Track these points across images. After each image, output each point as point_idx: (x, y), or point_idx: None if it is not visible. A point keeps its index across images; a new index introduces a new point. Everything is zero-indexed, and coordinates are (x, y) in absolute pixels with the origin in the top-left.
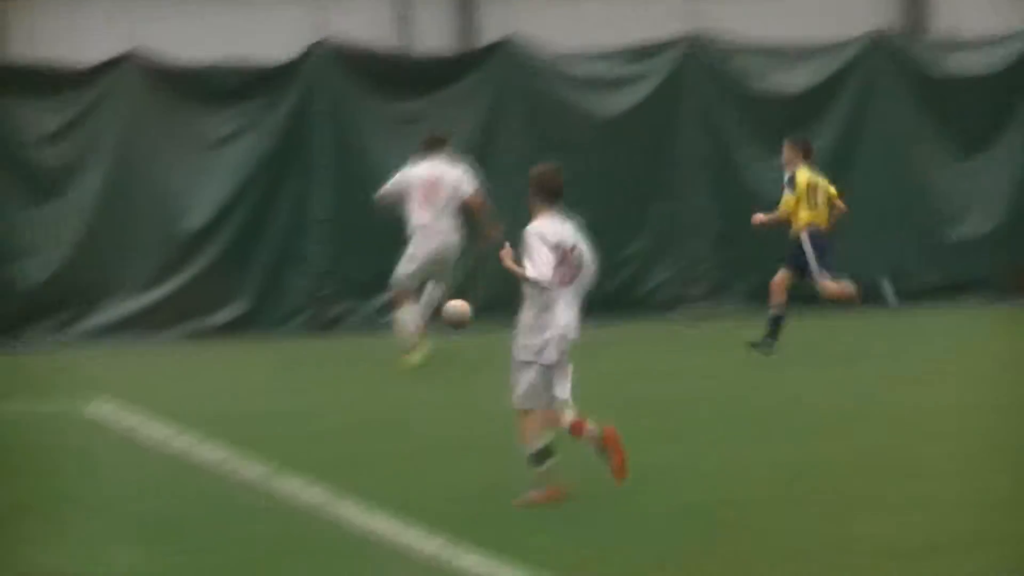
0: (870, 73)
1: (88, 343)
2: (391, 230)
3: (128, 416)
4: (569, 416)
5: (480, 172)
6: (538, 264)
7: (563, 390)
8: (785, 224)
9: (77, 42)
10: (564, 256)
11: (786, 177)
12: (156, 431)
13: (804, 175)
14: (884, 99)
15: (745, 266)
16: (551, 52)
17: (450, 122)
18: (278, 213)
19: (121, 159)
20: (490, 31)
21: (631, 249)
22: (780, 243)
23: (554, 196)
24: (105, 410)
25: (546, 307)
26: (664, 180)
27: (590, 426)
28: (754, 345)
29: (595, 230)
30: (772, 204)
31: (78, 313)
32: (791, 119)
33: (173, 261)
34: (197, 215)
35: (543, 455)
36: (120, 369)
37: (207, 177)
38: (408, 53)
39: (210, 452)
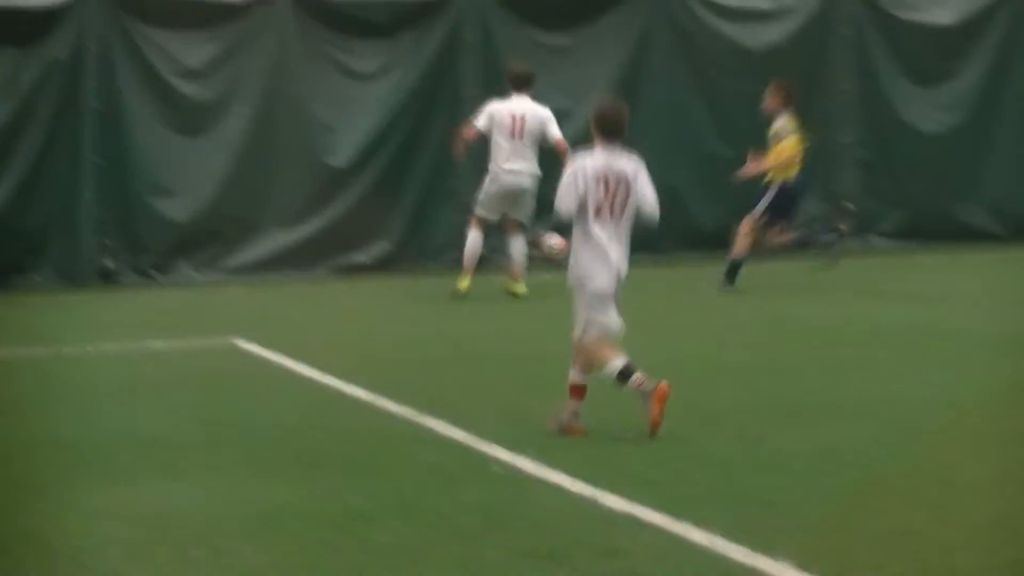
0: (1021, 5)
1: (235, 279)
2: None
3: (273, 352)
4: (578, 378)
5: (628, 105)
6: (562, 197)
7: (613, 321)
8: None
9: None
10: (611, 190)
11: (776, 125)
12: (301, 367)
13: (795, 123)
14: None
15: (894, 200)
16: None
17: (598, 55)
18: (427, 147)
19: (270, 94)
20: None
21: None
22: (930, 177)
23: (609, 131)
24: (251, 346)
25: (590, 238)
26: (814, 113)
27: (577, 408)
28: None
29: (743, 163)
30: (924, 136)
31: (225, 249)
32: (942, 51)
33: (322, 196)
34: (347, 150)
35: (627, 372)
36: (267, 305)
37: (356, 112)
38: None
39: (355, 388)
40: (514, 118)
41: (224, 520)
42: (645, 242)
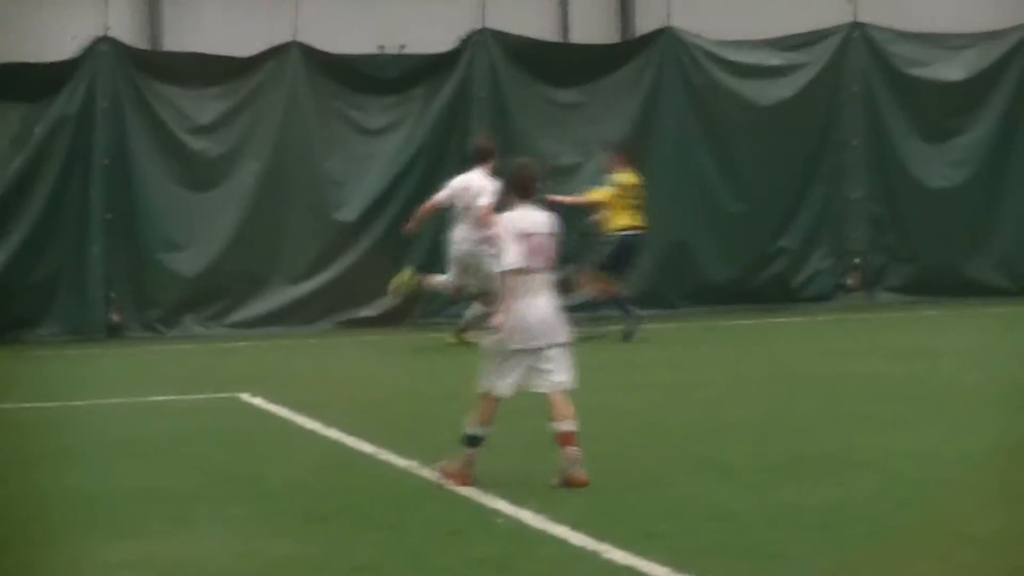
0: None
1: (241, 333)
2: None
3: (279, 406)
4: (565, 426)
5: (638, 161)
6: (505, 256)
7: (559, 375)
8: (586, 209)
9: (238, 32)
10: (534, 246)
11: (605, 177)
12: (307, 421)
13: (627, 177)
14: None
15: (902, 255)
16: (709, 41)
17: (608, 111)
18: None
19: (279, 149)
20: (648, 20)
21: (788, 237)
22: (939, 232)
23: (524, 191)
24: (257, 400)
25: (523, 295)
26: (822, 169)
27: (574, 453)
28: (625, 337)
29: (752, 219)
30: (932, 192)
31: (233, 303)
32: (951, 108)
33: (330, 251)
34: (355, 205)
35: (473, 441)
36: (273, 359)
37: (365, 167)
38: (567, 42)
39: (360, 441)
40: (466, 190)
41: (229, 574)
42: (654, 296)
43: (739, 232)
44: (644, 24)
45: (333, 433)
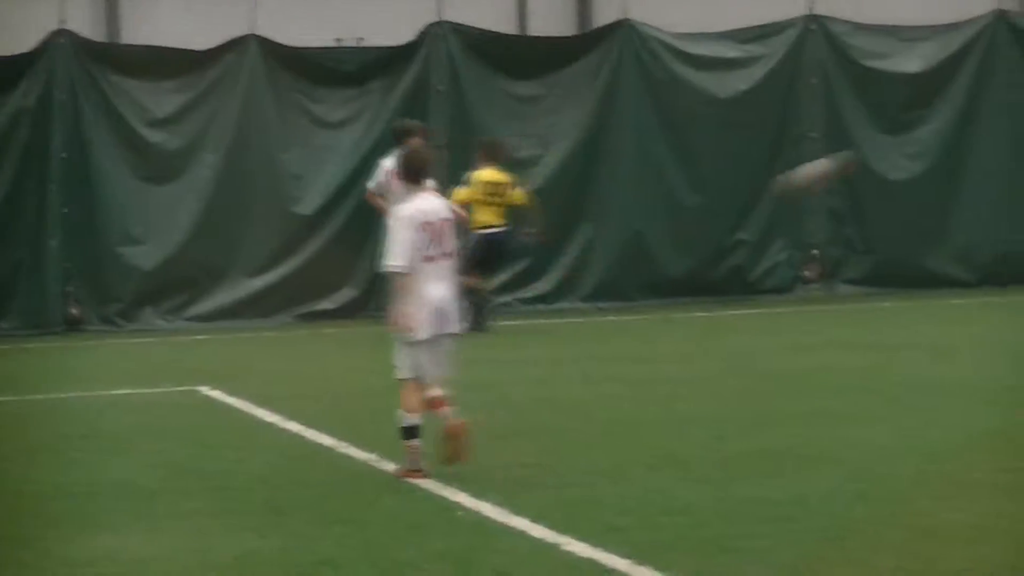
0: (990, 53)
1: (201, 326)
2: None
3: (239, 399)
4: (434, 391)
5: (595, 152)
6: (393, 253)
7: (437, 366)
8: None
9: (195, 25)
10: (435, 233)
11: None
12: (267, 415)
13: (485, 175)
14: (1004, 80)
15: (861, 248)
16: (667, 33)
17: (567, 103)
18: None
19: (238, 142)
20: (606, 12)
21: (746, 230)
22: (897, 224)
23: (418, 176)
24: (217, 393)
25: (425, 282)
26: (780, 161)
27: (447, 410)
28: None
29: (710, 211)
30: (891, 184)
31: (192, 297)
32: (909, 100)
33: (289, 244)
34: (314, 198)
35: (411, 432)
36: (233, 353)
37: (324, 159)
38: (525, 34)
39: (320, 435)
40: (388, 174)
41: (191, 569)
42: (611, 288)
43: (697, 224)
44: (602, 16)
45: (293, 426)
